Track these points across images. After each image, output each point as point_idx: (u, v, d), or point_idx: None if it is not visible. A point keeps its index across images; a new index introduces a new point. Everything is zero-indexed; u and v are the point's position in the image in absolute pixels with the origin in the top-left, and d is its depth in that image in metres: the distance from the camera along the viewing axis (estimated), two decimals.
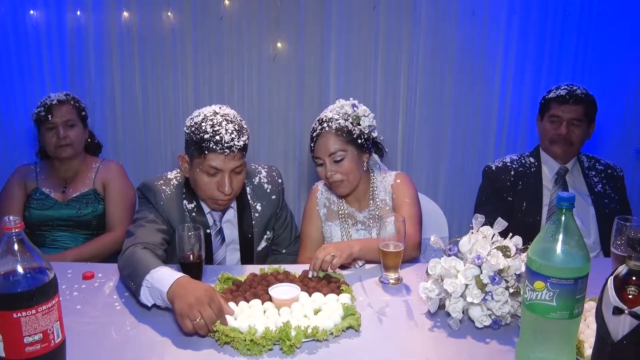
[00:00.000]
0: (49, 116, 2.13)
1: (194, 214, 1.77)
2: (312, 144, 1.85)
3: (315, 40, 2.90)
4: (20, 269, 1.00)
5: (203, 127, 1.61)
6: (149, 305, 1.37)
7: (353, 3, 2.87)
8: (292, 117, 3.00)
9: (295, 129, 3.02)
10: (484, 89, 2.99)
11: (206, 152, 1.61)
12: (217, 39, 2.90)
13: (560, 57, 2.94)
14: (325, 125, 1.81)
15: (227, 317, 1.27)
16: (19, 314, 0.98)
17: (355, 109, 1.85)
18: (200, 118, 1.64)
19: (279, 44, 2.92)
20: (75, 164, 2.24)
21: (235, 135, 1.62)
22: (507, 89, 3.00)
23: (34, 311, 0.99)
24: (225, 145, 1.60)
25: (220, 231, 1.84)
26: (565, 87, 2.18)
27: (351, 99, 1.91)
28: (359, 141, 1.82)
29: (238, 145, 1.62)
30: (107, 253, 2.14)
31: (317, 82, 2.96)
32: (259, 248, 1.91)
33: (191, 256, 1.47)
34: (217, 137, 1.59)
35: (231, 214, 1.86)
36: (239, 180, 1.70)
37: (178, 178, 1.81)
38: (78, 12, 2.81)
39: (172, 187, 1.77)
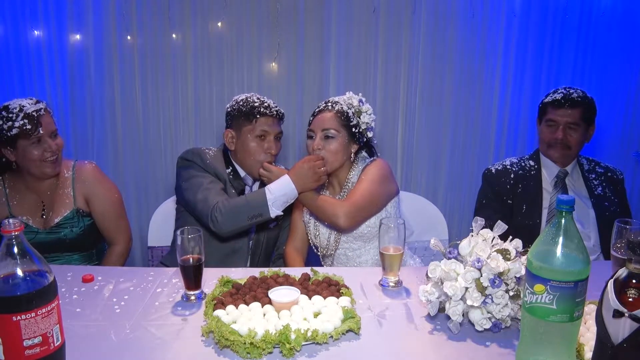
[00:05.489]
0: (39, 129, 1.83)
1: (231, 176, 2.02)
2: (311, 118, 2.01)
3: (315, 44, 2.91)
4: (19, 272, 1.00)
5: (251, 99, 1.97)
6: (279, 213, 1.79)
7: (353, 6, 2.88)
8: (292, 121, 3.00)
9: (295, 133, 3.02)
10: (484, 92, 3.00)
11: (258, 116, 1.94)
12: (216, 43, 2.90)
13: (560, 60, 2.94)
14: (329, 104, 1.98)
15: (227, 320, 1.27)
16: (19, 317, 0.98)
17: (361, 104, 2.01)
18: (245, 96, 2.00)
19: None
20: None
21: (276, 105, 1.99)
22: (506, 92, 3.00)
23: (33, 314, 0.99)
24: (273, 109, 1.96)
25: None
26: (562, 90, 2.18)
27: (360, 94, 2.03)
28: (353, 130, 1.96)
29: (281, 112, 2.00)
30: (120, 265, 2.10)
31: (317, 86, 2.97)
32: (270, 225, 2.09)
33: (191, 259, 1.46)
34: (265, 104, 1.96)
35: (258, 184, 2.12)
36: (278, 147, 2.01)
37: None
38: (79, 36, 2.83)
39: (213, 152, 2.04)
